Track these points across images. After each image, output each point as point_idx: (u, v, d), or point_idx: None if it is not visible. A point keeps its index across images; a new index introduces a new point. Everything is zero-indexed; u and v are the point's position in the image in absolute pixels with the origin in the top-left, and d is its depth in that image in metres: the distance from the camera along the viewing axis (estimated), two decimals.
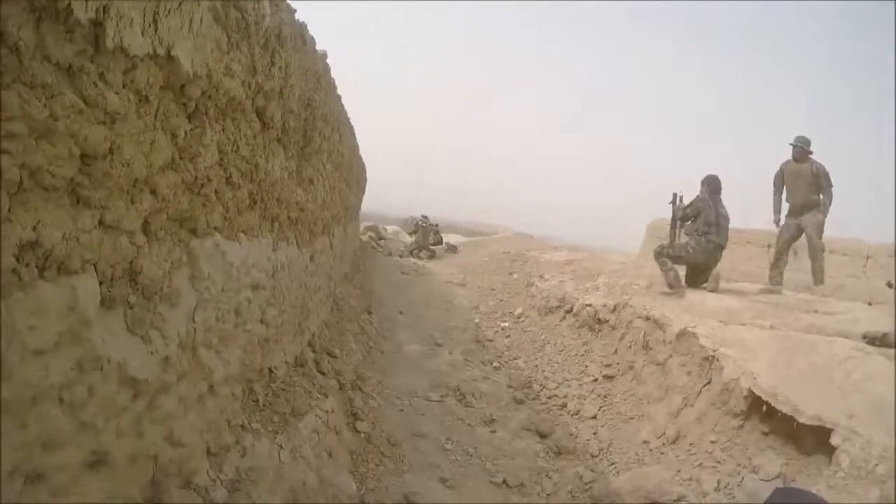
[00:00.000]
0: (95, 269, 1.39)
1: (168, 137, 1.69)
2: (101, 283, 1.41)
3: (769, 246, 12.48)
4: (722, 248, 7.19)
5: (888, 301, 8.99)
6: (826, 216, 7.31)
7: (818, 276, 7.46)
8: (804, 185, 7.27)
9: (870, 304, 7.59)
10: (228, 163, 2.19)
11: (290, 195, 3.25)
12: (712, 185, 7.21)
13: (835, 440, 3.80)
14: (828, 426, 3.89)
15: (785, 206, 7.59)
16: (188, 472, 2.04)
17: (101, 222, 1.39)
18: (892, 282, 6.80)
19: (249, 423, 2.74)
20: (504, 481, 4.61)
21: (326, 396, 3.85)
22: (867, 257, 12.21)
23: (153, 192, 1.64)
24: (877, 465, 3.53)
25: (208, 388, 2.18)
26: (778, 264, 7.73)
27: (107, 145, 1.36)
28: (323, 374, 4.12)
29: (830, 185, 7.22)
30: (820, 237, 7.42)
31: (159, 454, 1.82)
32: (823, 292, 7.26)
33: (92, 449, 1.43)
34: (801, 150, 7.32)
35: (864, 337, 5.07)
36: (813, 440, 4.04)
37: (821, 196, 7.25)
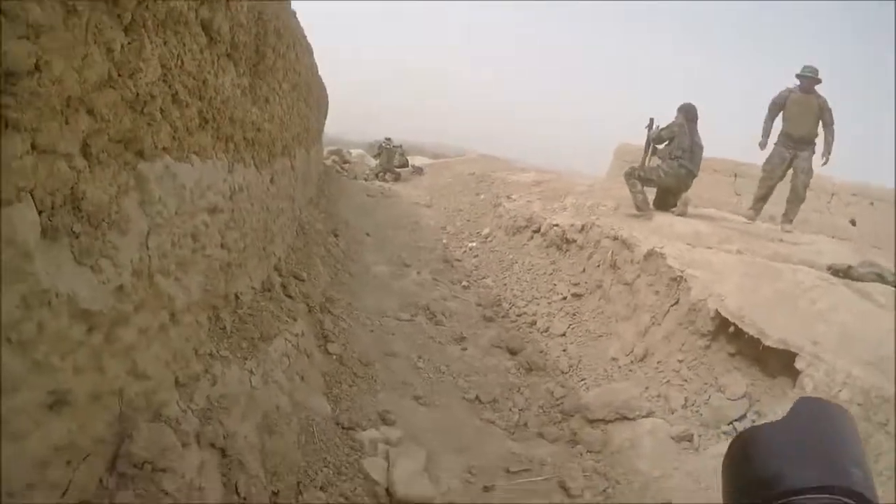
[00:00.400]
0: (32, 198, 1.25)
1: (102, 52, 1.51)
2: (40, 213, 1.28)
3: (735, 175, 12.61)
4: (694, 175, 7.21)
5: (850, 237, 9.28)
6: (830, 154, 7.08)
7: (789, 216, 7.38)
8: (808, 118, 6.99)
9: (833, 238, 7.77)
10: (173, 79, 2.00)
11: (245, 114, 3.05)
12: (689, 114, 7.12)
13: (799, 364, 3.96)
14: (792, 350, 4.04)
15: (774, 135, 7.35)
16: (157, 404, 1.98)
17: (33, 146, 1.23)
18: (855, 220, 6.93)
19: (218, 351, 2.68)
20: (477, 397, 4.73)
21: (295, 320, 3.80)
22: (832, 194, 12.47)
23: (90, 112, 1.47)
24: (840, 390, 3.70)
25: (170, 317, 2.08)
26: (765, 197, 7.59)
27: (32, 61, 1.19)
28: (291, 297, 4.06)
29: (832, 122, 6.98)
30: (807, 186, 7.28)
31: (124, 388, 1.74)
32: (786, 227, 7.23)
33: (50, 389, 1.34)
34: (812, 79, 6.98)
35: (829, 268, 5.24)
36: (778, 363, 4.21)
37: (820, 131, 7.03)
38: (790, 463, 0.51)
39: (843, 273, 5.12)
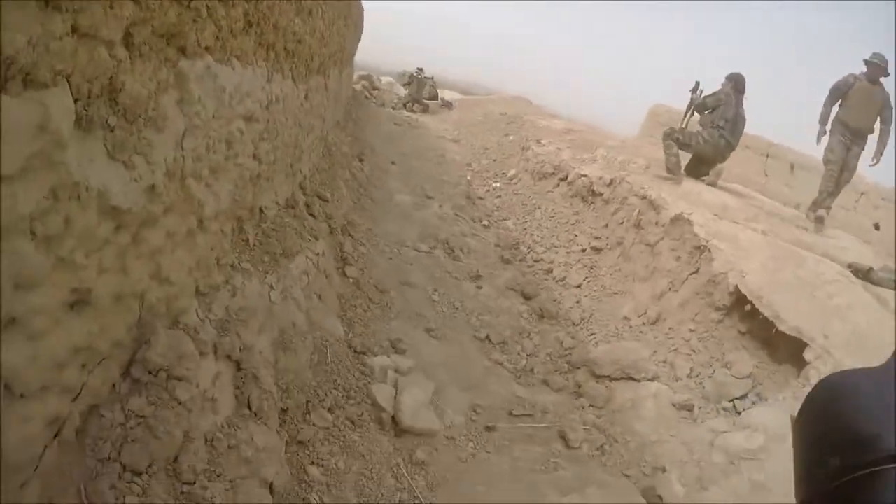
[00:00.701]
0: (69, 84, 1.15)
1: None
2: (76, 101, 1.18)
3: (767, 156, 12.14)
4: (732, 147, 6.97)
5: (871, 240, 8.94)
6: (882, 155, 6.52)
7: (818, 205, 6.81)
8: (870, 110, 6.36)
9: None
10: None
11: (288, 23, 2.88)
12: (738, 85, 6.80)
13: (808, 355, 3.92)
14: (804, 340, 3.99)
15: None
16: (177, 311, 1.95)
17: (74, 29, 1.12)
18: (880, 224, 6.54)
19: (239, 263, 2.64)
20: (487, 337, 4.73)
21: (317, 239, 3.75)
22: (861, 193, 12.01)
23: (136, 0, 1.35)
24: None
25: (198, 223, 2.02)
26: (834, 193, 6.81)
27: None
28: (314, 216, 3.99)
29: (892, 120, 6.37)
30: (848, 182, 6.85)
31: (146, 292, 1.70)
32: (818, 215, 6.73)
33: (72, 287, 1.28)
34: (880, 68, 6.30)
35: (850, 266, 5.10)
36: (786, 350, 4.16)
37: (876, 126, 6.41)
38: (891, 422, 0.43)
39: (863, 274, 5.01)
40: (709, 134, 6.76)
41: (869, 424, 0.44)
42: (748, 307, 4.44)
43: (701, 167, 7.06)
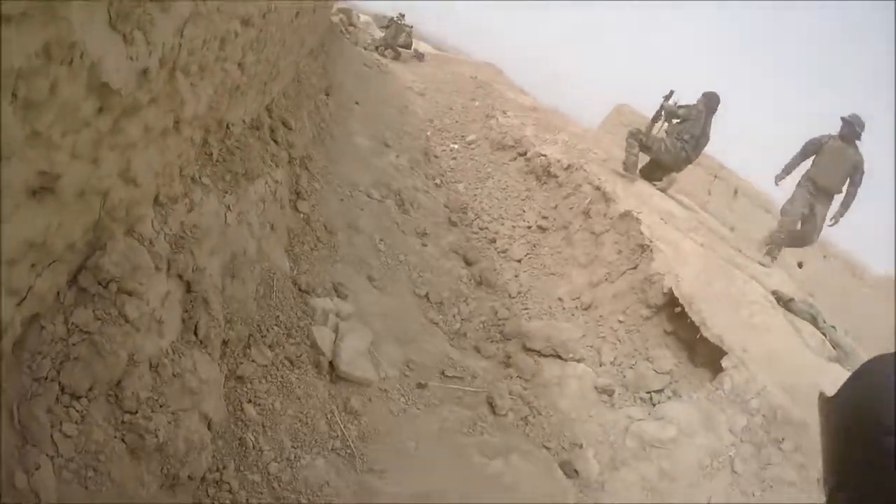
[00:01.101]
0: None
1: None
2: None
3: (715, 176, 12.63)
4: (690, 162, 7.12)
5: (795, 276, 9.43)
6: (844, 216, 6.46)
7: (773, 253, 6.62)
8: (841, 170, 6.23)
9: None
10: None
11: None
12: (711, 103, 6.86)
13: (725, 363, 4.17)
14: (724, 349, 4.22)
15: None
16: (134, 218, 1.74)
17: None
18: (803, 263, 6.82)
19: (200, 177, 2.43)
20: (426, 295, 4.68)
21: (277, 167, 3.53)
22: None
23: None
24: (752, 398, 3.95)
25: (174, 124, 1.81)
26: (783, 243, 6.74)
27: None
28: (276, 143, 3.75)
29: (860, 183, 6.27)
30: (812, 243, 6.87)
31: (110, 191, 1.50)
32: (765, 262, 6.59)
33: (41, 169, 1.10)
34: (854, 131, 6.20)
35: (774, 293, 5.40)
36: (706, 356, 4.41)
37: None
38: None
39: (784, 303, 5.33)
40: (671, 143, 6.86)
41: None
42: (678, 310, 4.62)
43: (656, 172, 7.20)
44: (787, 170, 6.68)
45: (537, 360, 4.57)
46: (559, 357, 4.66)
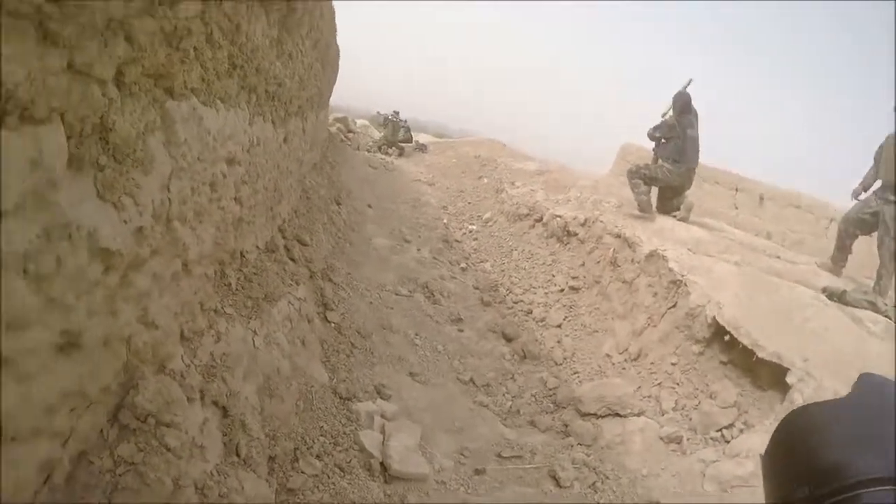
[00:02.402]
0: (63, 121, 1.15)
1: None
2: (68, 138, 1.18)
3: (736, 190, 12.52)
4: (694, 169, 7.13)
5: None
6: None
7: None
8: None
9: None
10: (210, 18, 1.88)
11: (270, 66, 2.92)
12: (683, 107, 6.96)
13: (790, 379, 3.98)
14: (784, 365, 4.06)
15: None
16: (163, 356, 1.89)
17: (70, 65, 1.12)
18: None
19: (223, 308, 2.59)
20: (471, 380, 4.68)
21: (298, 284, 3.71)
22: (831, 219, 12.40)
23: (128, 39, 1.35)
24: None
25: (182, 267, 1.98)
26: (843, 248, 6.22)
27: None
28: (294, 261, 3.96)
29: None
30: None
31: (133, 337, 1.65)
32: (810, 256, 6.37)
33: (63, 329, 1.24)
34: None
35: (824, 290, 5.22)
36: (769, 376, 4.22)
37: None
38: (855, 450, 0.43)
39: (837, 297, 5.13)
40: (671, 165, 6.93)
41: (834, 453, 0.44)
42: (727, 337, 4.49)
43: (670, 201, 7.20)
44: (865, 183, 6.15)
45: (595, 423, 4.45)
46: (617, 415, 4.53)
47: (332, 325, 4.27)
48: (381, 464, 3.13)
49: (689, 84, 7.04)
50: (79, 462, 1.46)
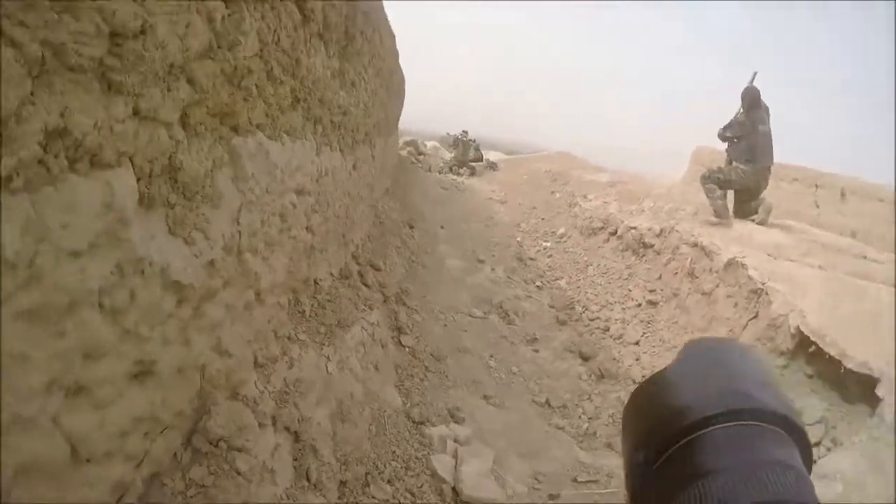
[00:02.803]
0: (132, 164, 1.23)
1: (204, 21, 1.48)
2: (138, 180, 1.26)
3: (816, 186, 11.75)
4: (769, 167, 6.75)
5: None
6: None
7: None
8: None
9: None
10: (269, 55, 1.98)
11: (333, 97, 3.03)
12: (752, 103, 6.61)
13: (880, 391, 3.67)
14: (875, 375, 3.73)
15: None
16: (236, 382, 1.97)
17: (135, 111, 1.21)
18: None
19: (296, 335, 2.67)
20: (547, 401, 4.58)
21: (372, 309, 3.77)
22: None
23: (190, 82, 1.45)
24: None
25: (255, 296, 2.07)
26: None
27: (138, 23, 1.16)
28: (367, 286, 4.03)
29: None
30: None
31: (207, 365, 1.73)
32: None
33: (137, 359, 1.32)
34: None
35: None
36: (858, 388, 3.90)
37: None
38: (694, 397, 0.44)
39: None
40: (745, 165, 6.59)
41: (676, 403, 0.44)
42: (812, 348, 4.20)
43: (747, 204, 6.84)
44: None
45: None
46: None
47: (406, 348, 4.31)
48: (453, 489, 3.09)
49: (754, 77, 6.71)
50: (152, 483, 1.53)
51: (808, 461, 0.43)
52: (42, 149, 0.97)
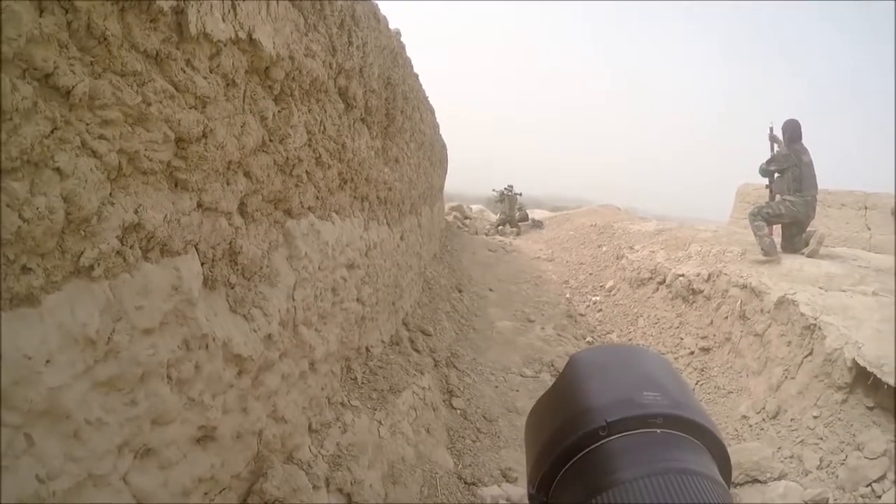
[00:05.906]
0: (197, 250, 1.43)
1: (257, 119, 1.71)
2: (202, 264, 1.45)
3: (865, 208, 11.31)
4: (815, 196, 6.67)
5: None
6: None
7: None
8: None
9: None
10: (317, 143, 2.21)
11: (378, 174, 3.26)
12: (793, 135, 6.63)
13: None
14: None
15: None
16: (291, 447, 2.10)
17: (199, 204, 1.42)
18: None
19: (349, 401, 2.80)
20: None
21: (423, 373, 3.88)
22: None
23: (247, 175, 1.66)
24: None
25: (309, 366, 2.22)
26: None
27: (200, 129, 1.38)
28: (418, 351, 4.16)
29: None
30: None
31: (264, 430, 1.88)
32: None
33: (199, 424, 1.48)
34: None
35: None
36: None
37: None
38: (588, 406, 0.42)
39: None
40: (792, 195, 6.52)
41: (554, 425, 0.44)
42: (871, 379, 4.04)
43: (797, 238, 6.71)
44: None
45: (734, 493, 4.09)
46: (756, 481, 4.16)
47: (458, 411, 4.36)
48: None
49: (772, 130, 6.83)
50: None
51: (726, 465, 0.42)
52: (119, 241, 1.17)
